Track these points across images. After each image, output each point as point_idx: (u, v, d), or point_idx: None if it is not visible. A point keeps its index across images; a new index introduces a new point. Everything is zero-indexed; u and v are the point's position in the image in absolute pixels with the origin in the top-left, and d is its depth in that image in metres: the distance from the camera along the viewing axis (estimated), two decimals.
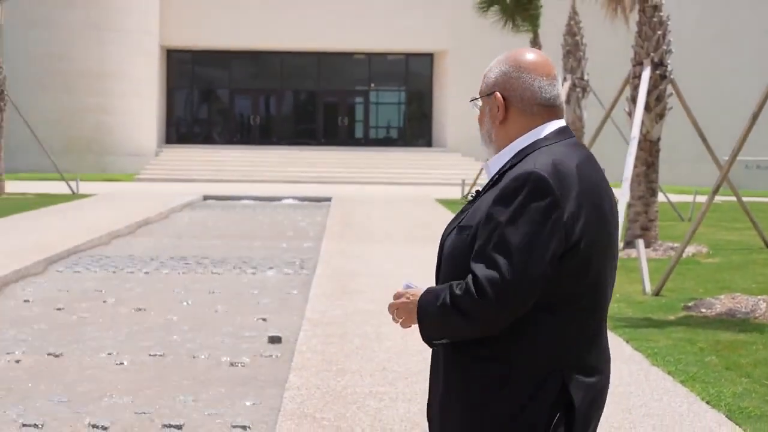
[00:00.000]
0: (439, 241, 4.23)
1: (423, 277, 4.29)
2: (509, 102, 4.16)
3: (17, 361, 12.20)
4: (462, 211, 4.20)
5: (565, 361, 4.01)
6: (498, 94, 4.17)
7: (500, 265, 3.85)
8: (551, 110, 4.17)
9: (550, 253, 3.87)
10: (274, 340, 13.41)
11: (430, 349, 4.16)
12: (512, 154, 4.13)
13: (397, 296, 4.12)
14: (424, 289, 4.05)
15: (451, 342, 4.02)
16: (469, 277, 3.89)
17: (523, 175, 3.96)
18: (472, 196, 4.21)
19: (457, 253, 4.05)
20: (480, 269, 3.88)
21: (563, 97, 4.31)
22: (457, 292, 3.90)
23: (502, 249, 3.89)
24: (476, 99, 4.27)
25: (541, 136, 4.15)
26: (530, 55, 4.21)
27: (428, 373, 4.30)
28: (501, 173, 4.09)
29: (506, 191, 3.97)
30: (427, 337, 4.03)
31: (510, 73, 4.16)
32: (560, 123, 4.20)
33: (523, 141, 4.14)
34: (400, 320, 4.11)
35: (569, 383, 4.00)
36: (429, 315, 3.97)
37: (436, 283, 4.18)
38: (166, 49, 63.35)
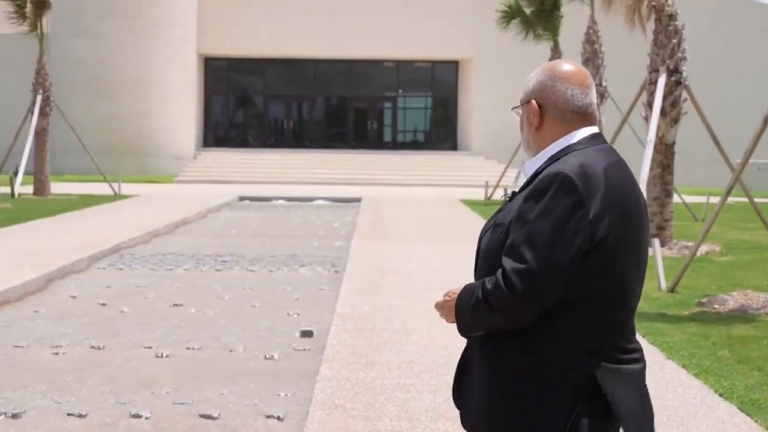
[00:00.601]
0: (467, 241, 4.26)
1: (451, 274, 4.30)
2: (544, 109, 4.23)
3: (63, 354, 12.25)
4: (499, 210, 4.24)
5: (590, 354, 4.03)
6: (534, 102, 4.24)
7: (527, 259, 3.90)
8: (584, 117, 4.24)
9: (574, 249, 3.91)
10: (306, 334, 13.42)
11: (455, 344, 4.20)
12: (546, 158, 4.18)
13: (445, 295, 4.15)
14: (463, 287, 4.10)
15: (485, 333, 4.06)
16: (499, 272, 3.94)
17: (551, 175, 4.02)
18: (506, 197, 4.24)
19: (492, 250, 4.08)
20: (508, 263, 3.93)
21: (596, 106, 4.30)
22: (489, 287, 3.95)
23: (529, 243, 3.94)
24: (516, 107, 4.33)
25: (574, 141, 4.21)
26: (566, 66, 4.29)
27: (454, 366, 4.30)
28: (535, 175, 4.14)
29: (535, 190, 4.03)
30: (462, 331, 4.09)
31: (545, 82, 4.23)
32: (593, 129, 4.27)
33: (557, 146, 4.20)
34: (443, 316, 4.15)
35: (596, 373, 4.03)
36: (464, 310, 4.01)
37: (475, 279, 4.20)
38: (203, 57, 63.47)
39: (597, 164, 4.06)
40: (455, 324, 4.09)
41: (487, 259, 4.12)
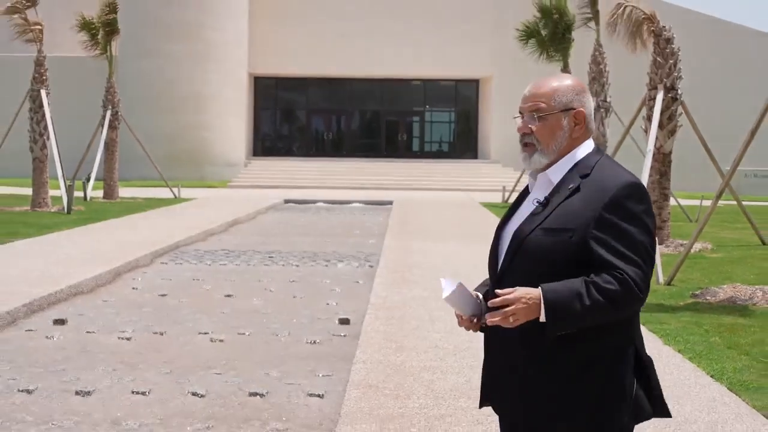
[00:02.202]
0: (486, 239, 4.10)
1: (471, 268, 4.24)
2: (585, 118, 4.06)
3: (128, 339, 12.28)
4: (533, 214, 3.95)
5: (633, 339, 4.05)
6: (582, 109, 4.05)
7: (642, 266, 3.81)
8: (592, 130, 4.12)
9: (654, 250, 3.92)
10: (344, 321, 13.42)
11: (475, 331, 4.00)
12: (572, 164, 3.99)
13: (508, 301, 3.73)
14: (529, 289, 3.73)
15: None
16: (620, 276, 3.76)
17: (629, 185, 3.88)
18: (538, 201, 3.96)
19: (556, 251, 3.81)
20: (631, 270, 3.77)
21: None
22: (613, 288, 3.74)
23: (639, 251, 3.82)
24: (549, 114, 4.00)
25: (593, 148, 4.07)
26: (581, 82, 4.15)
27: (475, 351, 4.21)
28: (581, 177, 3.93)
29: (618, 199, 3.84)
30: (558, 329, 3.76)
31: (582, 93, 4.07)
32: (591, 140, 4.14)
33: (581, 152, 4.01)
34: (514, 321, 3.74)
35: (641, 354, 4.08)
36: (571, 311, 3.70)
37: (497, 274, 3.98)
38: (253, 76, 63.58)
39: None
40: (523, 323, 3.75)
41: (546, 261, 3.82)
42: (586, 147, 4.05)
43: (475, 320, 4.00)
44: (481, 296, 4.07)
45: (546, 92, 4.00)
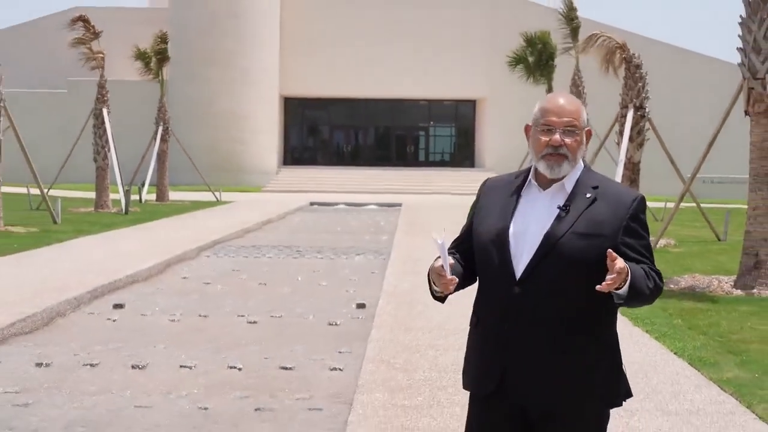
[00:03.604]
0: (494, 237, 3.85)
1: None
2: None
3: (177, 320, 12.30)
4: (558, 218, 3.77)
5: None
6: (590, 128, 3.97)
7: (655, 264, 3.85)
8: None
9: None
10: (361, 306, 13.42)
11: (450, 290, 3.83)
12: (578, 175, 3.87)
13: (619, 270, 3.54)
14: (625, 265, 3.59)
15: (577, 322, 3.75)
16: (654, 272, 3.77)
17: (641, 199, 3.88)
18: (560, 207, 3.78)
19: (591, 254, 3.68)
20: (654, 269, 3.79)
21: None
22: (658, 281, 3.77)
23: (651, 253, 3.84)
24: (582, 131, 3.89)
25: (583, 163, 3.96)
26: None
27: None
28: (591, 188, 3.84)
29: (637, 212, 3.83)
30: (628, 303, 3.66)
31: None
32: None
33: (581, 165, 3.90)
34: (617, 281, 3.56)
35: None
36: (641, 290, 3.65)
37: (511, 269, 3.78)
38: (283, 97, 63.56)
39: None
40: (620, 289, 3.62)
41: (580, 260, 3.70)
42: (582, 161, 3.95)
43: (455, 279, 3.82)
44: (452, 261, 3.91)
45: (576, 110, 3.86)
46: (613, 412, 3.51)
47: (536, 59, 38.73)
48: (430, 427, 6.99)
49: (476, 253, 3.98)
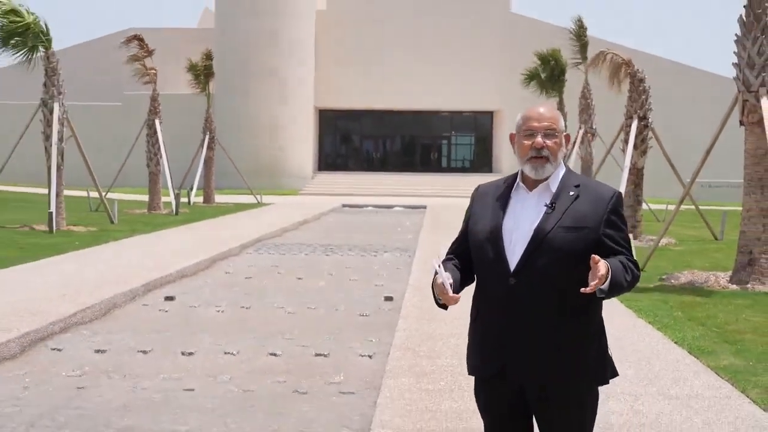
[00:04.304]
0: (489, 233, 3.89)
1: None
2: None
3: (222, 311, 12.34)
4: (546, 215, 3.82)
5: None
6: (568, 133, 4.04)
7: (632, 253, 3.88)
8: None
9: None
10: (388, 299, 13.42)
11: (455, 302, 3.89)
12: (561, 175, 3.93)
13: (600, 276, 3.57)
14: (607, 269, 3.61)
15: (567, 308, 3.78)
16: (631, 262, 3.80)
17: (619, 195, 3.91)
18: (546, 205, 3.84)
19: (577, 245, 3.74)
20: (632, 256, 3.84)
21: None
22: (636, 271, 3.80)
23: (629, 243, 3.89)
24: (560, 135, 3.95)
25: (564, 165, 4.03)
26: None
27: None
28: (574, 186, 3.89)
29: (616, 206, 3.87)
30: (611, 291, 3.65)
31: None
32: None
33: (562, 166, 3.97)
34: (601, 277, 3.59)
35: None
36: (621, 280, 3.67)
37: (505, 261, 3.82)
38: (318, 109, 63.67)
39: None
40: (602, 284, 3.60)
41: (572, 252, 3.74)
42: (563, 163, 4.02)
43: (455, 295, 3.88)
44: (451, 279, 3.92)
45: (554, 117, 3.93)
46: (619, 396, 3.51)
47: (548, 74, 38.63)
48: (452, 409, 6.99)
49: (473, 251, 4.03)
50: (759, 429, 6.59)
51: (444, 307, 4.04)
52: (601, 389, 3.98)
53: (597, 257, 3.61)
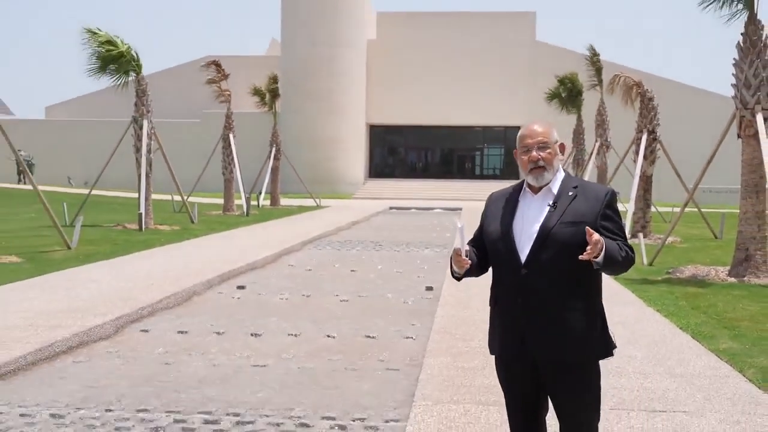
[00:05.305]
0: (501, 231, 3.91)
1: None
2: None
3: (286, 299, 12.39)
4: (549, 213, 3.85)
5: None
6: (563, 142, 4.10)
7: (627, 241, 3.90)
8: None
9: None
10: (429, 288, 13.41)
11: (464, 267, 3.92)
12: (561, 179, 3.98)
13: (598, 241, 3.62)
14: (600, 238, 3.64)
15: (572, 293, 3.80)
16: (626, 246, 3.83)
17: (612, 192, 3.94)
18: (549, 205, 3.88)
19: (579, 239, 3.73)
20: (627, 243, 3.86)
21: None
22: (630, 252, 3.83)
23: (623, 232, 3.92)
24: (555, 144, 3.99)
25: (563, 170, 4.08)
26: None
27: None
28: (572, 188, 3.92)
29: (610, 201, 3.90)
30: (605, 264, 3.66)
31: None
32: None
33: (561, 171, 4.03)
34: (595, 251, 3.63)
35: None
36: (615, 256, 3.69)
37: (515, 253, 3.84)
38: (369, 125, 63.77)
39: None
40: (597, 258, 3.63)
41: (574, 243, 3.74)
42: (561, 168, 4.07)
43: (468, 261, 3.93)
44: (467, 247, 3.99)
45: (546, 131, 3.99)
46: (630, 375, 3.49)
47: (567, 94, 38.46)
48: (483, 384, 6.97)
49: (488, 248, 4.08)
50: (754, 404, 6.51)
51: (458, 278, 4.12)
52: (615, 369, 3.99)
53: (591, 229, 3.66)
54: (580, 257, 3.67)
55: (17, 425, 6.19)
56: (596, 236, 3.64)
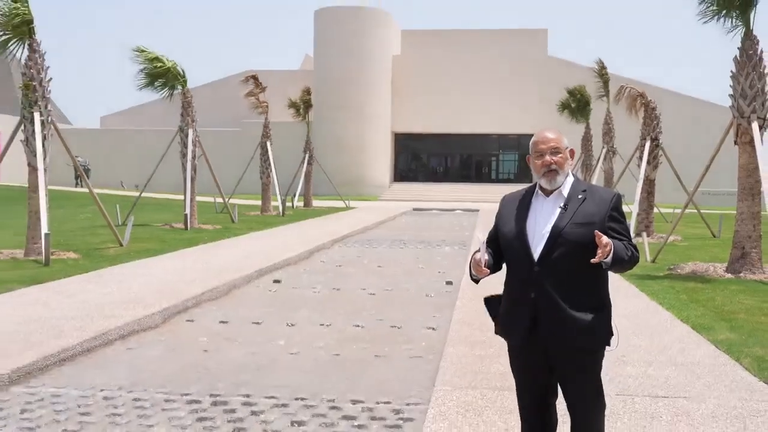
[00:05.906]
0: (515, 231, 3.89)
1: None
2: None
3: (318, 292, 12.42)
4: (561, 215, 3.84)
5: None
6: (573, 149, 4.07)
7: (632, 240, 3.87)
8: None
9: None
10: (449, 282, 13.39)
11: (483, 274, 3.94)
12: (571, 182, 3.96)
13: (607, 244, 3.60)
14: (609, 241, 3.62)
15: (580, 287, 3.77)
16: (631, 245, 3.81)
17: (618, 195, 3.93)
18: (560, 207, 3.87)
19: (587, 238, 3.71)
20: (632, 244, 3.84)
21: None
22: (635, 252, 3.81)
23: (629, 233, 3.88)
24: (564, 151, 3.96)
25: (573, 174, 4.07)
26: None
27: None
28: (581, 191, 3.90)
29: (617, 204, 3.88)
30: (614, 264, 3.65)
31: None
32: None
33: (571, 175, 4.02)
34: (604, 252, 3.60)
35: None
36: (622, 256, 3.67)
37: (529, 252, 3.83)
38: (394, 133, 63.73)
39: None
40: (606, 258, 3.61)
41: (582, 243, 3.72)
42: (570, 172, 4.07)
43: (488, 270, 3.98)
44: (487, 256, 4.01)
45: (557, 137, 3.98)
46: (635, 363, 3.47)
47: (576, 105, 38.27)
48: (498, 371, 6.95)
49: (503, 246, 4.08)
50: (750, 391, 6.45)
51: (476, 281, 4.13)
52: (621, 358, 3.94)
53: (600, 233, 3.64)
54: (592, 261, 3.64)
55: (74, 406, 6.25)
56: (605, 239, 3.62)
